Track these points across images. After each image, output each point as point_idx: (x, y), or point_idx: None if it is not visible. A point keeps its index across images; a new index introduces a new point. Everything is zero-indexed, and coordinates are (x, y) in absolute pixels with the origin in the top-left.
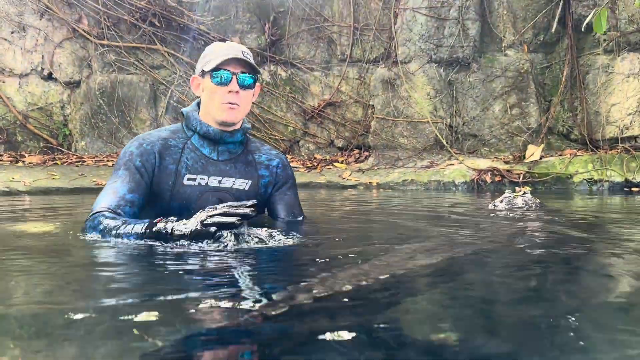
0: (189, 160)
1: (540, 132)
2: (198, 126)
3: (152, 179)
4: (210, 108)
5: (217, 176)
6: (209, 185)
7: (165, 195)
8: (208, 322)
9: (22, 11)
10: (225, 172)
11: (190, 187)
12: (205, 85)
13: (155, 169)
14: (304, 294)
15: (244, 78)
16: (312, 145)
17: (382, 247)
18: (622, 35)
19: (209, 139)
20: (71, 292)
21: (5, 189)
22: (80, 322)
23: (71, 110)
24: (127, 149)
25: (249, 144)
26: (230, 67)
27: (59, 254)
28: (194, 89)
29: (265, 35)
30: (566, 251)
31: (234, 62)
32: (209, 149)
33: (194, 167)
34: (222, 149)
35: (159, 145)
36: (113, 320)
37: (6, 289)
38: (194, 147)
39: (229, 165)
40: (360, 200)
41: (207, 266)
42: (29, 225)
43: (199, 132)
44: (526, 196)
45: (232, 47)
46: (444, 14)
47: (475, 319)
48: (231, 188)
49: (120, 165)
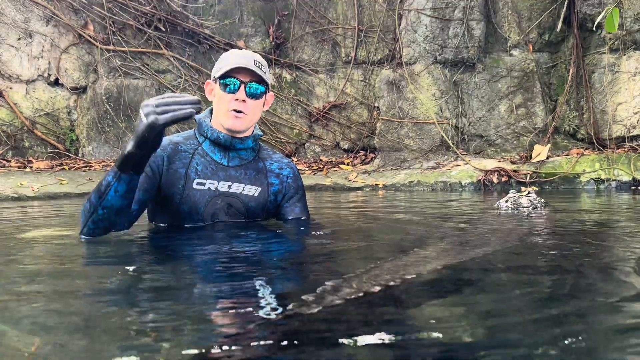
0: (198, 165)
1: (546, 131)
2: (209, 132)
3: (160, 181)
4: (218, 114)
5: (226, 181)
6: (219, 190)
7: (176, 198)
8: (225, 326)
9: (28, 18)
10: (235, 177)
11: (199, 191)
12: (215, 92)
13: (163, 171)
14: (314, 301)
15: (252, 87)
16: (318, 148)
17: (393, 250)
18: (628, 34)
19: (219, 145)
20: (79, 298)
21: (14, 194)
22: (89, 326)
23: (78, 116)
24: None
25: (260, 151)
26: (240, 76)
27: (67, 258)
28: (207, 94)
29: (270, 38)
30: (573, 251)
31: (245, 70)
32: (219, 155)
33: (203, 172)
34: (233, 155)
35: (170, 149)
36: (124, 325)
37: (13, 294)
38: (205, 152)
39: (239, 171)
40: (367, 202)
41: (216, 268)
42: (37, 231)
43: (210, 138)
44: (531, 196)
45: (246, 55)
46: (449, 15)
47: (489, 322)
48: (240, 194)
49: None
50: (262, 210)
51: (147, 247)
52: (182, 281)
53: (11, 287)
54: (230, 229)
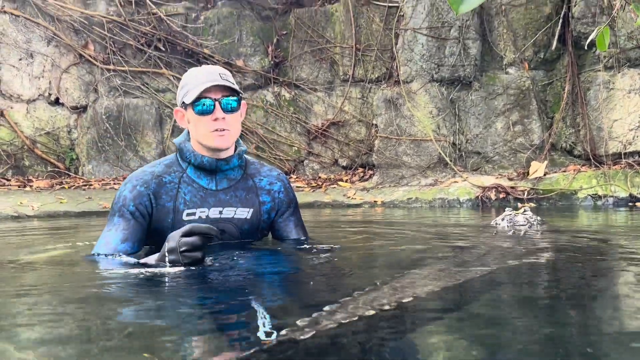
0: (186, 194)
1: (543, 148)
2: (192, 158)
3: (150, 220)
4: (199, 138)
5: (217, 207)
6: (210, 217)
7: (166, 233)
8: (217, 350)
9: (30, 38)
10: (225, 202)
11: (190, 222)
12: (189, 117)
13: (153, 210)
14: (308, 326)
15: (227, 102)
16: (317, 165)
17: (390, 270)
18: (622, 52)
19: (204, 169)
20: (80, 316)
21: (14, 213)
22: (91, 344)
23: (78, 135)
24: (122, 192)
25: (247, 167)
26: (211, 94)
27: (67, 277)
28: (179, 121)
29: (269, 57)
30: (570, 271)
31: (214, 87)
32: (206, 180)
33: (192, 201)
34: (221, 177)
35: (154, 184)
36: (126, 344)
37: (13, 313)
38: (191, 179)
39: (229, 194)
40: (366, 220)
41: (209, 289)
42: (37, 249)
43: (194, 164)
44: (527, 213)
45: (209, 72)
46: (445, 34)
47: (487, 345)
48: (233, 218)
49: (115, 211)
50: (256, 230)
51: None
52: (175, 303)
53: (9, 306)
54: (226, 250)
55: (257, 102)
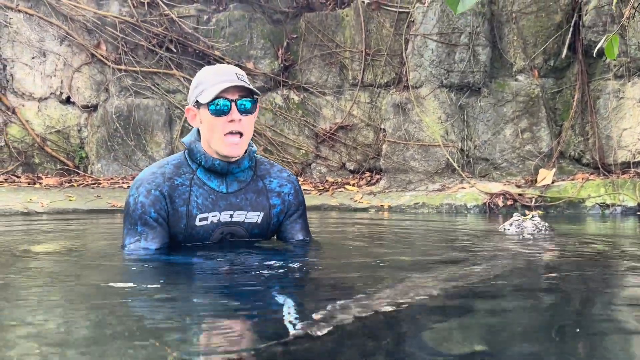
0: (198, 198)
1: (552, 156)
2: (203, 160)
3: (167, 223)
4: (211, 141)
5: (228, 210)
6: (221, 221)
7: (178, 237)
8: (233, 343)
9: (43, 37)
10: (236, 205)
11: (202, 227)
12: (203, 117)
13: (169, 213)
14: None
15: (244, 103)
16: (324, 168)
17: (401, 272)
18: (632, 61)
19: (215, 172)
20: (90, 313)
21: (24, 210)
22: (94, 338)
23: (88, 133)
24: (136, 198)
25: (257, 168)
26: (228, 94)
27: (75, 274)
28: (190, 120)
29: (279, 60)
30: (578, 277)
31: (231, 88)
32: (217, 182)
33: (204, 205)
34: (231, 179)
35: (167, 187)
36: (140, 342)
37: (20, 310)
38: (201, 182)
39: (239, 197)
40: (372, 223)
41: (221, 286)
42: (46, 245)
43: (204, 166)
44: (535, 219)
45: (225, 72)
46: (455, 40)
47: (495, 346)
48: (243, 222)
49: (135, 219)
50: (265, 233)
51: (154, 264)
52: (189, 298)
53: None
54: (237, 248)
55: (266, 104)
